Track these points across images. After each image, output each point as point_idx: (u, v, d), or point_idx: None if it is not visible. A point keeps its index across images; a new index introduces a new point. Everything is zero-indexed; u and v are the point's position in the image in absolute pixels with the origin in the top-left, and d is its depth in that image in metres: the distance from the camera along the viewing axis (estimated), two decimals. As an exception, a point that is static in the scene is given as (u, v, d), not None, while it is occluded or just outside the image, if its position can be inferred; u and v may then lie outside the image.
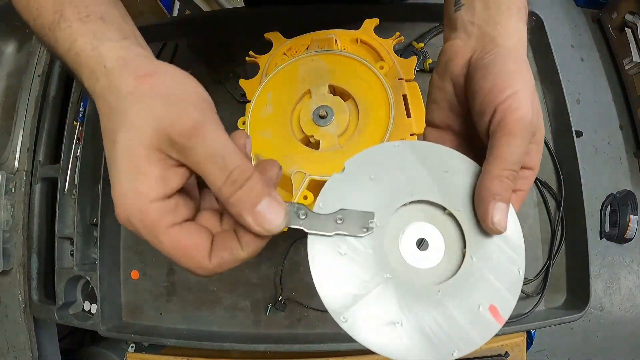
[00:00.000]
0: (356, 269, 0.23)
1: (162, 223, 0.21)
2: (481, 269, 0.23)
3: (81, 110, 0.68)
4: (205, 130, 0.21)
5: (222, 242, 0.22)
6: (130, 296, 0.66)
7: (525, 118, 0.24)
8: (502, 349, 0.60)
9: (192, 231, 0.22)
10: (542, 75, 0.69)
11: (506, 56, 0.27)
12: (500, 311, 0.23)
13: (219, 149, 0.21)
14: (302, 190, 0.41)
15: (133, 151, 0.21)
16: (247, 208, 0.21)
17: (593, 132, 1.55)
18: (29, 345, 0.63)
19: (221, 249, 0.22)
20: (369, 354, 0.59)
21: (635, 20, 1.47)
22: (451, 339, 0.22)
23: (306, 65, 0.47)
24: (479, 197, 0.24)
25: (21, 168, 0.67)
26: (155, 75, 0.22)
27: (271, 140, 0.45)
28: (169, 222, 0.21)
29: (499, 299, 0.23)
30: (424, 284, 0.23)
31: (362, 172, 0.25)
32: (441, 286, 0.23)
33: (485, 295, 0.23)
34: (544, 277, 0.63)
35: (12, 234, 0.65)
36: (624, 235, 1.42)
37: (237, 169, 0.21)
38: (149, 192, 0.21)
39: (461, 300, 0.23)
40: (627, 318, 1.46)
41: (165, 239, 0.21)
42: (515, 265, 0.25)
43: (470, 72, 0.28)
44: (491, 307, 0.23)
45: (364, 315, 0.22)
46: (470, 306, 0.23)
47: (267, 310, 0.62)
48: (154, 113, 0.21)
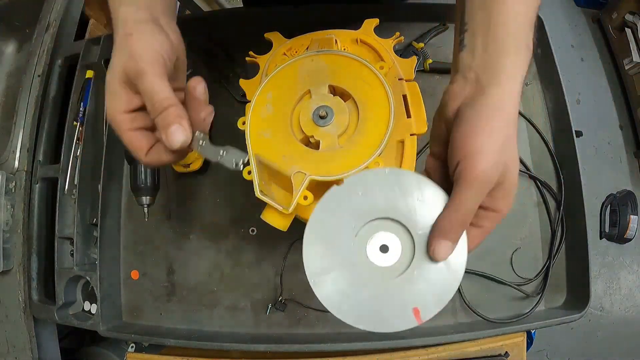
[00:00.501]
0: (333, 251, 0.31)
1: (123, 126, 0.33)
2: (419, 280, 0.31)
3: (81, 110, 0.68)
4: (144, 76, 0.31)
5: (156, 148, 0.34)
6: (130, 296, 0.66)
7: (481, 175, 0.27)
8: (502, 349, 0.60)
9: (138, 136, 0.34)
10: (542, 75, 0.69)
11: (484, 109, 0.29)
12: (421, 314, 0.30)
13: (149, 88, 0.31)
14: (302, 190, 0.41)
15: (111, 82, 0.33)
16: (162, 128, 0.31)
17: (593, 132, 1.55)
18: (29, 345, 0.63)
19: (154, 152, 0.34)
20: (369, 354, 0.60)
21: (635, 20, 1.48)
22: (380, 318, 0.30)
23: (306, 65, 0.47)
24: (432, 229, 0.30)
25: (21, 168, 0.67)
26: (131, 36, 0.32)
27: (271, 140, 0.45)
28: (127, 127, 0.33)
29: (423, 305, 0.30)
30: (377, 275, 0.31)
31: (355, 188, 0.32)
32: (388, 281, 0.31)
33: (415, 299, 0.30)
34: (544, 277, 0.63)
35: (12, 234, 0.65)
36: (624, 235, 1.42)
37: (157, 102, 0.31)
38: (118, 106, 0.33)
39: (398, 295, 0.31)
40: (627, 318, 1.46)
41: (123, 136, 0.34)
42: (448, 286, 0.31)
43: (455, 119, 0.30)
44: (415, 309, 0.30)
45: (328, 284, 0.31)
46: (402, 302, 0.31)
47: (267, 310, 0.62)
48: (121, 60, 0.32)
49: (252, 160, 0.44)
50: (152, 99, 0.31)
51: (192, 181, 0.67)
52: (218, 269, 0.65)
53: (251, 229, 0.65)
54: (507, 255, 0.63)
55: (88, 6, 0.88)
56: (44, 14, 0.73)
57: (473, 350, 0.60)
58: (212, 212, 0.66)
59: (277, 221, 0.44)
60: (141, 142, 0.34)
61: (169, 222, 0.67)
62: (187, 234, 0.66)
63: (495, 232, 0.63)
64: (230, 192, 0.66)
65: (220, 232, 0.65)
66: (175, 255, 0.66)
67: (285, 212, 0.42)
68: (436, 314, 0.31)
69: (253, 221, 0.64)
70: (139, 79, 0.31)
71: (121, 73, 0.32)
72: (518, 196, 0.65)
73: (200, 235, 0.66)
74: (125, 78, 0.32)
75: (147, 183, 0.55)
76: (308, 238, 0.31)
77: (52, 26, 0.72)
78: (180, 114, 0.32)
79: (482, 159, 0.27)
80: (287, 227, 0.45)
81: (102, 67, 0.69)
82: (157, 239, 0.67)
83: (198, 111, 0.34)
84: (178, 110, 0.32)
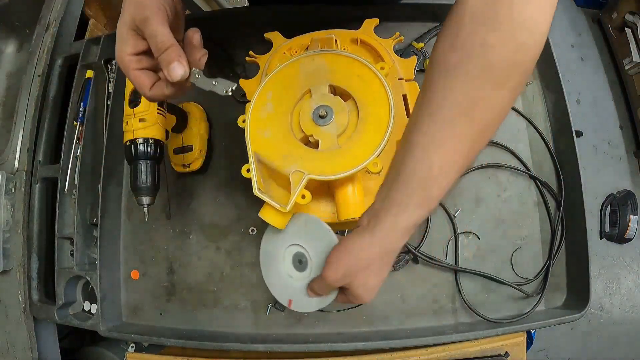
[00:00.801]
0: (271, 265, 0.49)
1: (130, 66, 0.38)
2: (304, 290, 0.46)
3: (81, 110, 0.68)
4: (149, 22, 0.36)
5: (159, 84, 0.39)
6: (130, 296, 0.66)
7: (327, 278, 0.40)
8: (502, 349, 0.60)
9: (143, 74, 0.39)
10: (542, 75, 0.69)
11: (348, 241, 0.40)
12: (292, 305, 0.47)
13: (154, 32, 0.36)
14: (300, 189, 0.41)
15: (122, 28, 0.38)
16: (164, 65, 0.36)
17: (593, 132, 1.55)
18: (29, 345, 0.63)
19: (157, 87, 0.39)
20: (369, 354, 0.60)
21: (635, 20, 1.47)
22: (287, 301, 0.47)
23: (307, 64, 0.47)
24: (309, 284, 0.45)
25: (21, 168, 0.67)
26: None
27: (271, 139, 0.45)
28: (134, 67, 0.38)
29: (297, 300, 0.47)
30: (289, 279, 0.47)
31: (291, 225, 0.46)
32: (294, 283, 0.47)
33: (294, 295, 0.47)
34: (544, 277, 0.63)
35: (12, 234, 0.65)
36: (624, 235, 1.42)
37: (160, 43, 0.36)
38: (126, 49, 0.38)
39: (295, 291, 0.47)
40: (627, 318, 1.46)
41: (130, 75, 0.39)
42: (313, 303, 0.46)
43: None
44: (289, 300, 0.47)
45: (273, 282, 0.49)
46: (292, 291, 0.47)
47: (267, 310, 0.62)
48: (130, 10, 0.37)
49: (251, 158, 0.44)
50: (156, 40, 0.36)
51: (192, 181, 0.67)
52: (218, 269, 0.65)
53: (251, 229, 0.65)
54: (507, 255, 0.63)
55: (88, 6, 0.88)
56: (44, 14, 0.73)
57: (473, 350, 0.60)
58: (212, 212, 0.66)
59: (275, 219, 0.44)
60: (145, 79, 0.39)
61: (169, 222, 0.67)
62: (187, 234, 0.66)
63: (495, 232, 0.63)
64: (230, 192, 0.66)
65: (220, 232, 0.65)
66: (175, 255, 0.66)
67: (283, 210, 0.42)
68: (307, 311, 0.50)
69: (253, 221, 0.65)
70: (144, 25, 0.36)
71: (130, 21, 0.37)
72: (518, 196, 0.65)
73: (200, 235, 0.66)
74: (133, 25, 0.37)
75: (147, 183, 0.54)
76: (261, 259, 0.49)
77: (52, 26, 0.72)
78: (179, 53, 0.37)
79: (328, 269, 0.40)
80: (284, 225, 0.45)
81: (102, 67, 0.69)
82: (157, 239, 0.67)
83: (194, 54, 0.39)
84: (177, 49, 0.37)
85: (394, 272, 0.62)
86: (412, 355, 0.58)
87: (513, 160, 0.66)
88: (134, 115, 0.53)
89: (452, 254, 0.63)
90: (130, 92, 0.54)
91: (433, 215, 0.64)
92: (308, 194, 0.42)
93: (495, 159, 0.66)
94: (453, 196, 0.64)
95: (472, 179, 0.65)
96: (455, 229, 0.63)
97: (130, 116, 0.53)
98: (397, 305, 0.62)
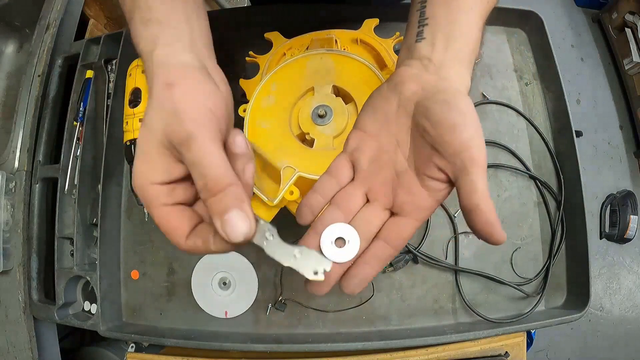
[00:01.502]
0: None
1: (157, 201, 0.26)
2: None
3: (81, 110, 0.68)
4: (193, 142, 0.25)
5: (201, 231, 0.27)
6: (130, 296, 0.66)
7: (483, 161, 0.28)
8: (502, 349, 0.60)
9: (177, 214, 0.27)
10: (542, 75, 0.69)
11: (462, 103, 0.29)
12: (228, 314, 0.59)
13: (200, 160, 0.25)
14: (289, 185, 0.41)
15: (147, 144, 0.26)
16: (217, 214, 0.24)
17: (593, 132, 1.55)
18: (29, 345, 0.63)
19: (198, 236, 0.26)
20: (369, 354, 0.60)
21: (635, 20, 1.48)
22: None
23: (314, 62, 0.47)
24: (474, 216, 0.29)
25: (21, 168, 0.67)
26: (174, 87, 0.26)
27: (268, 131, 0.45)
28: (162, 201, 0.26)
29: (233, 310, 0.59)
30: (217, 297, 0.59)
31: None
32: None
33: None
34: (544, 277, 0.63)
35: (12, 234, 0.65)
36: (624, 235, 1.42)
37: (212, 180, 0.24)
38: (151, 176, 0.26)
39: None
40: (627, 318, 1.46)
41: (155, 214, 0.26)
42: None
43: (424, 102, 0.30)
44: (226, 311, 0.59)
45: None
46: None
47: (267, 310, 0.62)
48: (163, 119, 0.26)
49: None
50: (205, 173, 0.24)
51: (192, 181, 0.67)
52: (218, 269, 0.65)
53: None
54: (507, 255, 0.63)
55: (88, 6, 0.88)
56: (44, 14, 0.73)
57: (473, 350, 0.60)
58: (212, 212, 0.66)
59: (262, 212, 0.44)
60: (181, 221, 0.26)
61: (169, 222, 0.67)
62: (187, 234, 0.66)
63: (495, 232, 0.63)
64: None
65: (220, 232, 0.65)
66: (175, 255, 0.66)
67: (270, 204, 0.42)
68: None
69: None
70: (186, 146, 0.25)
71: (162, 136, 0.25)
72: (518, 196, 0.65)
73: (200, 235, 0.66)
74: (166, 142, 0.26)
75: (147, 183, 0.55)
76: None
77: (52, 26, 0.72)
78: (240, 196, 0.25)
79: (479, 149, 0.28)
80: (271, 218, 0.45)
81: (102, 67, 0.69)
82: (157, 239, 0.67)
83: (236, 164, 0.27)
84: (238, 191, 0.25)
85: (394, 272, 0.62)
86: (412, 356, 0.58)
87: (513, 160, 0.66)
88: (134, 115, 0.53)
89: (452, 254, 0.63)
90: (130, 92, 0.54)
91: (433, 215, 0.64)
92: (297, 190, 0.42)
93: (495, 159, 0.66)
94: (453, 196, 0.64)
95: (472, 179, 0.65)
96: (455, 229, 0.63)
97: (130, 116, 0.53)
98: (397, 305, 0.62)
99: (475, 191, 0.28)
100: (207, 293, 0.63)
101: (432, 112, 0.29)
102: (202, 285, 0.63)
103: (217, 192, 0.24)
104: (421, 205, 0.31)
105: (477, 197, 0.28)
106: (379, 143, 0.32)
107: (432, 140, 0.29)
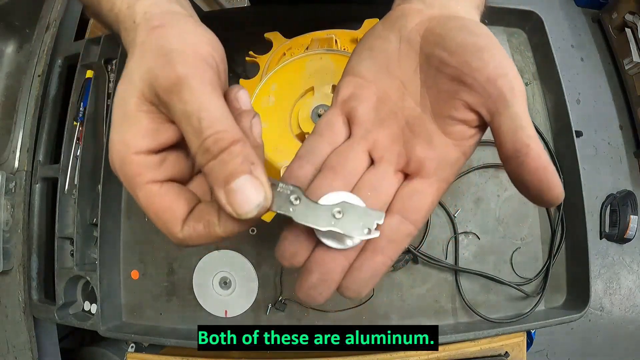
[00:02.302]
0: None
1: (142, 177, 0.20)
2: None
3: (81, 110, 0.68)
4: (185, 86, 0.19)
5: (200, 212, 0.20)
6: (130, 296, 0.66)
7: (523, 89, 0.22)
8: (502, 349, 0.60)
9: (170, 192, 0.20)
10: (542, 75, 0.69)
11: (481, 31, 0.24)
12: (227, 314, 0.62)
13: (196, 110, 0.18)
14: None
15: (125, 101, 0.20)
16: (219, 183, 0.18)
17: (593, 132, 1.55)
18: (29, 345, 0.63)
19: (197, 219, 0.20)
20: (370, 354, 0.60)
21: (635, 20, 1.47)
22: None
23: (314, 62, 0.47)
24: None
25: (21, 168, 0.67)
26: (163, 27, 0.21)
27: (267, 131, 0.45)
28: (149, 177, 0.20)
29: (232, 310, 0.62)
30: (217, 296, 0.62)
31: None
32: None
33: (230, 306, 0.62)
34: (544, 277, 0.63)
35: (12, 234, 0.65)
36: (624, 235, 1.42)
37: (211, 137, 0.18)
38: (134, 142, 0.20)
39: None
40: (627, 318, 1.46)
41: (141, 195, 0.20)
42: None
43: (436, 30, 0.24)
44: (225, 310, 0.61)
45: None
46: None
47: (267, 310, 0.62)
48: (146, 64, 0.20)
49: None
50: (202, 128, 0.18)
51: (192, 181, 0.67)
52: (218, 269, 0.65)
53: (251, 228, 0.65)
54: (507, 255, 0.63)
55: (88, 6, 0.88)
56: (44, 14, 0.73)
57: (473, 350, 0.60)
58: (212, 212, 0.66)
59: None
60: (172, 203, 0.20)
61: (169, 222, 0.67)
62: (187, 234, 0.66)
63: (495, 232, 0.63)
64: (230, 192, 0.66)
65: (220, 232, 0.65)
66: (175, 255, 0.66)
67: None
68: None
69: (253, 221, 0.64)
70: (177, 93, 0.19)
71: (144, 85, 0.20)
72: (518, 196, 0.65)
73: (200, 235, 0.66)
74: (149, 93, 0.20)
75: (147, 183, 0.55)
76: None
77: (52, 26, 0.72)
78: (249, 157, 0.19)
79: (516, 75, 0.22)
80: (270, 218, 0.45)
81: (102, 67, 0.69)
82: (157, 239, 0.67)
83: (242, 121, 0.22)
84: (246, 149, 0.19)
85: (394, 272, 0.62)
86: (412, 355, 0.58)
87: (513, 160, 0.66)
88: (134, 115, 0.53)
89: (452, 254, 0.63)
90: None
91: (433, 215, 0.64)
92: None
93: (496, 159, 0.66)
94: (453, 196, 0.64)
95: (472, 179, 0.65)
96: (455, 229, 0.63)
97: (130, 116, 0.53)
98: (397, 305, 0.62)
99: (522, 127, 0.21)
100: (208, 293, 0.63)
101: (449, 38, 0.23)
102: (202, 285, 0.63)
103: (219, 152, 0.18)
104: (446, 159, 0.24)
105: (525, 135, 0.21)
106: (380, 89, 0.26)
107: (454, 71, 0.23)
